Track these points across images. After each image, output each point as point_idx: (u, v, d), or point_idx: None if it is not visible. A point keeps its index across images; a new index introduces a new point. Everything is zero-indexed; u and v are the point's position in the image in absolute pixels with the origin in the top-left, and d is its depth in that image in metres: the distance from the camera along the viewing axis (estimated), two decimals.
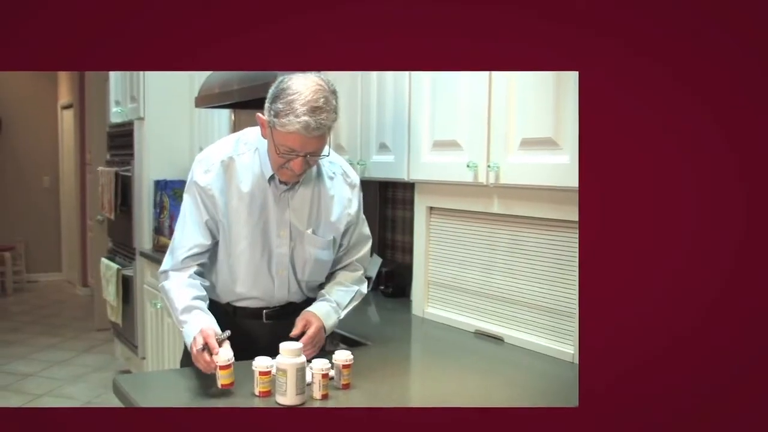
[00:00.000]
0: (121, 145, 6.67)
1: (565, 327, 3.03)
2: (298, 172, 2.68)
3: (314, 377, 2.48)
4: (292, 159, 2.63)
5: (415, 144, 3.60)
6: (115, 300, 6.50)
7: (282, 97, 2.56)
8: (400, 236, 4.62)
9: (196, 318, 2.70)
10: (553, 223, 3.04)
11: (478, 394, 2.63)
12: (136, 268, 6.32)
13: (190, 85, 6.14)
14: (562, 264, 3.03)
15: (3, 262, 10.99)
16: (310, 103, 2.53)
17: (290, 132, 2.55)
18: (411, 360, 3.22)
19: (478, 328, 3.43)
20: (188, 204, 2.86)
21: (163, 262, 2.92)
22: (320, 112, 2.54)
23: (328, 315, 2.89)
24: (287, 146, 2.59)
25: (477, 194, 3.34)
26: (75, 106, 10.75)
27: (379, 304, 4.17)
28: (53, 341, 8.23)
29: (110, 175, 6.65)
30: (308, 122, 2.52)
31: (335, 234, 2.93)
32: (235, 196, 2.80)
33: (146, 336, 6.24)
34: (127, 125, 6.51)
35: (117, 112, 6.83)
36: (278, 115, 2.56)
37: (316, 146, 2.62)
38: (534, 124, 2.92)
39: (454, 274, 3.60)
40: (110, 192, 6.66)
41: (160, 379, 3.09)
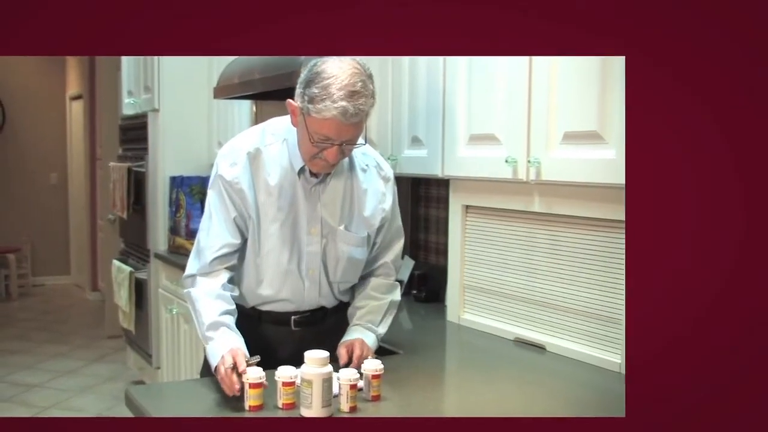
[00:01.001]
0: (134, 138, 6.70)
1: (612, 334, 3.03)
2: (332, 162, 2.70)
3: (342, 388, 2.48)
4: (326, 148, 2.65)
5: (450, 138, 3.62)
6: (127, 305, 6.53)
7: (317, 81, 2.57)
8: (433, 237, 4.64)
9: (223, 336, 2.69)
10: (597, 222, 3.05)
11: (517, 406, 2.64)
12: (150, 270, 6.35)
13: (209, 75, 6.17)
14: (608, 266, 3.03)
15: (7, 264, 11.05)
16: (347, 87, 2.54)
17: (326, 119, 2.56)
18: (445, 370, 3.24)
19: (518, 335, 3.45)
20: (214, 200, 2.86)
21: (188, 265, 2.91)
22: (358, 97, 2.56)
23: (371, 339, 2.95)
24: (322, 134, 2.61)
25: (516, 192, 3.35)
26: (85, 96, 10.82)
27: (411, 310, 4.19)
28: (61, 349, 8.30)
29: (122, 170, 6.69)
30: (346, 108, 2.54)
31: (369, 230, 2.96)
32: (263, 191, 2.82)
33: (161, 344, 6.27)
34: (141, 117, 6.54)
35: (130, 103, 6.87)
36: (313, 100, 2.57)
37: (353, 134, 2.64)
38: (577, 117, 2.93)
39: (492, 277, 3.61)
40: (122, 189, 6.70)
41: (177, 390, 3.09)
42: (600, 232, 3.05)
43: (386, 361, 2.75)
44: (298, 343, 2.84)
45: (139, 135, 6.56)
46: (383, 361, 2.66)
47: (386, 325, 3.06)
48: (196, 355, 5.22)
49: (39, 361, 7.85)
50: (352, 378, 2.47)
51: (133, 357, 7.04)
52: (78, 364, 7.79)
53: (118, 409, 6.41)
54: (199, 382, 2.88)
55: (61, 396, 6.83)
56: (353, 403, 2.48)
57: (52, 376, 7.37)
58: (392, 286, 3.13)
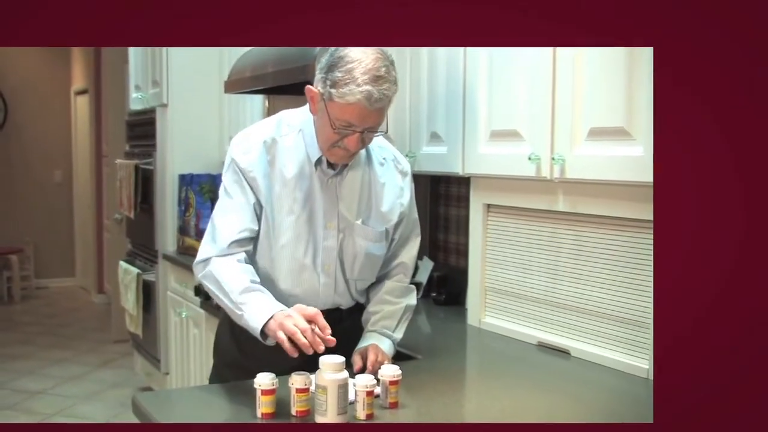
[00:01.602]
0: (142, 134, 6.73)
1: (639, 338, 3.04)
2: (353, 150, 2.72)
3: (358, 395, 2.47)
4: (347, 135, 2.68)
5: (471, 134, 3.63)
6: (134, 308, 6.55)
7: (340, 66, 2.60)
8: (453, 237, 4.66)
9: (259, 299, 2.68)
10: (624, 222, 3.05)
11: (540, 413, 2.66)
12: (158, 272, 6.38)
13: (219, 68, 6.20)
14: (636, 268, 3.04)
15: (9, 266, 11.10)
16: (371, 71, 2.57)
17: (350, 103, 2.59)
18: (466, 375, 3.25)
19: (542, 339, 3.46)
20: (231, 184, 2.87)
21: (200, 250, 2.88)
22: (383, 82, 2.59)
23: (388, 346, 2.97)
24: (345, 120, 2.64)
25: (540, 190, 3.36)
26: (90, 91, 10.86)
27: (430, 313, 4.21)
28: (65, 355, 8.34)
29: (129, 168, 6.72)
30: (371, 92, 2.56)
31: (387, 225, 2.98)
32: (279, 182, 2.84)
33: (170, 349, 6.30)
34: (149, 113, 6.56)
35: (137, 98, 6.91)
36: (336, 84, 2.59)
37: (376, 120, 2.67)
38: (603, 112, 2.94)
39: (515, 279, 3.62)
40: (129, 187, 6.73)
41: (186, 397, 3.10)
42: (627, 232, 3.06)
43: (404, 366, 2.75)
44: None
45: (146, 131, 6.58)
46: (401, 366, 2.66)
47: (402, 330, 3.09)
48: (206, 361, 5.24)
49: (42, 367, 7.89)
50: (369, 384, 2.46)
51: (141, 362, 7.07)
52: (83, 369, 7.82)
53: (124, 416, 6.44)
54: (210, 389, 2.91)
55: (65, 403, 6.86)
56: (370, 410, 2.47)
57: (56, 383, 7.41)
58: (407, 289, 3.15)
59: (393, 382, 2.57)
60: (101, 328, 9.41)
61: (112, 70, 9.11)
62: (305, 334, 2.48)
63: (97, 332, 9.27)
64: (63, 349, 8.55)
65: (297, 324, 2.49)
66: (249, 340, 2.95)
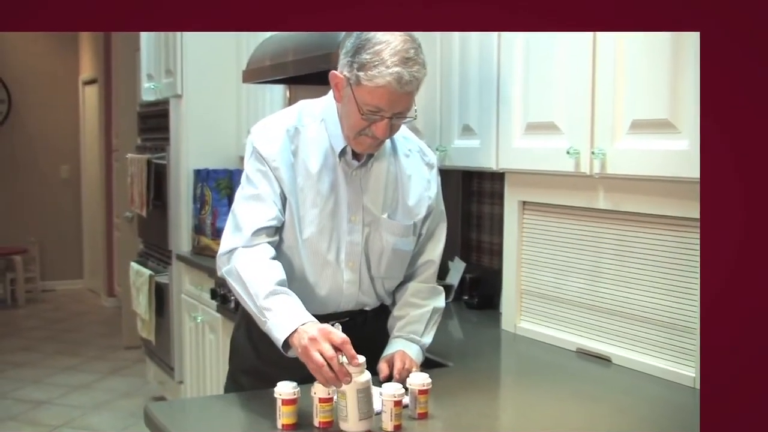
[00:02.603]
0: (155, 127, 6.76)
1: (685, 345, 3.05)
2: (381, 137, 2.75)
3: (385, 405, 2.47)
4: (375, 122, 2.71)
5: (505, 126, 3.64)
6: (146, 312, 6.59)
7: (368, 48, 2.64)
8: (487, 236, 4.67)
9: (283, 307, 2.65)
10: (669, 220, 3.06)
11: (580, 425, 2.67)
12: (172, 274, 6.42)
13: (237, 57, 6.23)
14: (682, 270, 3.04)
15: (13, 267, 11.16)
16: (401, 53, 2.61)
17: (379, 86, 2.63)
18: (500, 384, 3.28)
19: (581, 346, 3.47)
20: (254, 173, 2.88)
21: (223, 242, 2.88)
22: (413, 63, 2.63)
23: (408, 348, 2.97)
24: (373, 105, 2.67)
25: (579, 186, 3.37)
26: (99, 81, 10.92)
27: (462, 318, 4.23)
28: (72, 362, 8.40)
29: (141, 163, 6.76)
30: (401, 73, 2.60)
31: (414, 219, 3.00)
32: (302, 174, 2.87)
33: (184, 356, 6.34)
34: (162, 104, 6.59)
35: (149, 88, 6.95)
36: (364, 67, 2.63)
37: (405, 105, 2.70)
38: (646, 103, 2.95)
39: (552, 281, 3.64)
40: (141, 184, 6.76)
41: (201, 407, 3.11)
42: (672, 231, 3.06)
43: (434, 374, 2.75)
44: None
45: (159, 123, 6.61)
46: (431, 374, 2.66)
47: (431, 334, 3.10)
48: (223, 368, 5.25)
49: (48, 375, 7.94)
50: (397, 394, 2.46)
51: (153, 370, 7.11)
52: (92, 378, 7.87)
53: (136, 428, 6.48)
54: (227, 399, 2.93)
55: (72, 413, 6.91)
56: (398, 421, 2.47)
57: (63, 392, 7.46)
58: (435, 290, 3.17)
59: (422, 391, 2.57)
60: (111, 333, 9.45)
61: (123, 59, 9.15)
62: (332, 365, 2.43)
63: (106, 338, 9.32)
64: (70, 356, 8.60)
65: (323, 352, 2.44)
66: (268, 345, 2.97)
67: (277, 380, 2.52)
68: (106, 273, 11.22)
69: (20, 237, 11.52)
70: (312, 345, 2.47)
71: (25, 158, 11.68)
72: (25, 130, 11.66)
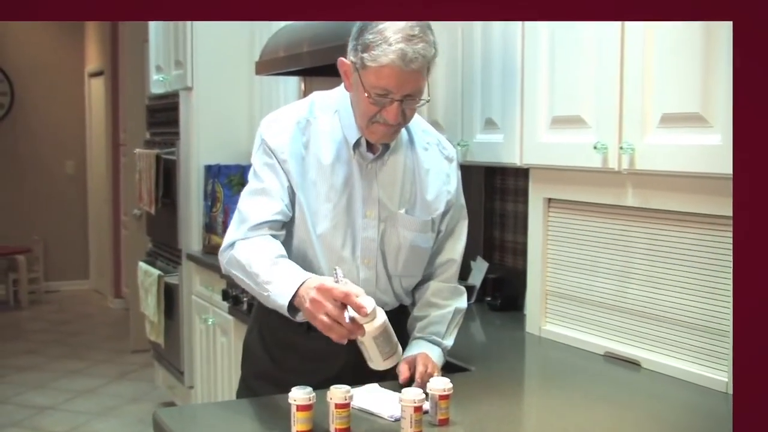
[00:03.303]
0: (164, 121, 6.79)
1: (717, 348, 3.05)
2: (393, 122, 2.76)
3: (405, 411, 2.47)
4: (385, 106, 2.72)
5: (530, 120, 3.65)
6: (155, 314, 6.61)
7: (370, 29, 2.67)
8: (510, 235, 4.68)
9: (283, 272, 2.68)
10: (701, 218, 3.06)
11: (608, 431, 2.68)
12: (182, 274, 6.45)
13: (250, 48, 6.25)
14: (714, 270, 3.05)
15: (16, 267, 11.19)
16: (403, 30, 2.64)
17: (383, 66, 2.65)
18: (524, 389, 3.29)
19: (609, 349, 3.47)
20: (261, 167, 2.92)
21: (225, 237, 2.91)
22: (417, 41, 2.65)
23: (430, 351, 2.97)
24: (380, 87, 2.69)
25: (607, 183, 3.38)
26: (106, 72, 10.95)
27: (484, 320, 4.24)
28: (78, 366, 8.44)
29: (150, 158, 6.78)
30: (404, 50, 2.62)
31: (433, 215, 3.01)
32: (314, 168, 2.89)
33: (194, 360, 6.37)
34: (171, 96, 6.62)
35: (158, 80, 6.97)
36: (367, 48, 2.66)
37: (414, 85, 2.71)
38: (677, 96, 2.96)
39: (579, 282, 3.64)
40: (150, 180, 6.77)
41: (212, 413, 3.08)
42: (704, 229, 3.07)
43: (455, 378, 2.75)
44: (353, 356, 2.83)
45: (169, 117, 6.64)
46: (452, 378, 2.66)
47: (452, 336, 3.12)
48: (235, 373, 5.28)
49: (52, 380, 7.97)
50: (417, 399, 2.46)
51: (162, 374, 7.15)
52: (98, 382, 7.91)
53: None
54: (239, 405, 2.95)
55: (78, 420, 6.94)
56: (418, 428, 2.47)
57: (68, 397, 7.50)
58: (456, 290, 3.17)
59: (443, 396, 2.57)
60: (118, 336, 9.49)
61: (131, 50, 9.19)
62: (343, 324, 2.46)
63: (113, 341, 9.35)
64: (75, 359, 8.63)
65: (329, 313, 2.46)
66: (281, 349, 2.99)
67: (291, 385, 2.51)
68: (113, 273, 11.26)
69: (23, 235, 11.56)
70: (315, 308, 2.49)
71: (28, 153, 11.72)
72: (29, 124, 11.69)
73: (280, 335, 3.01)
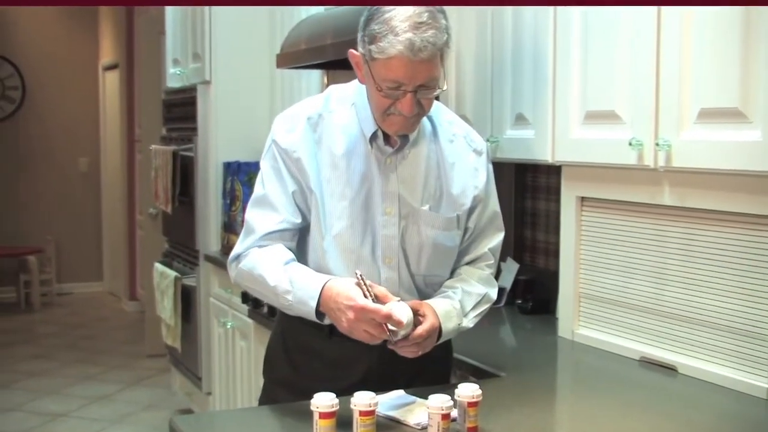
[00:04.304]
0: (181, 116, 6.83)
1: (758, 353, 3.05)
2: (408, 114, 2.75)
3: (432, 418, 2.47)
4: (398, 98, 2.72)
5: (562, 115, 3.66)
6: (172, 317, 6.65)
7: (376, 18, 2.67)
8: (542, 235, 4.70)
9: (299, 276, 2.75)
10: (740, 218, 3.06)
11: None
12: (199, 276, 6.48)
13: (270, 40, 6.28)
14: (754, 271, 3.05)
15: (28, 268, 11.24)
16: (411, 18, 2.63)
17: (391, 57, 2.64)
18: (556, 395, 3.31)
19: (644, 354, 3.48)
20: (268, 172, 2.94)
21: (234, 248, 2.95)
22: (426, 28, 2.63)
23: (447, 316, 2.90)
24: (390, 79, 2.69)
25: (642, 180, 3.38)
26: (121, 66, 11.01)
27: (515, 323, 4.25)
28: (92, 371, 8.49)
29: (166, 155, 6.82)
30: (412, 40, 2.61)
31: (458, 211, 2.99)
32: (328, 164, 2.89)
33: (212, 365, 6.40)
34: (189, 91, 6.67)
35: (175, 73, 7.01)
36: (374, 39, 2.66)
37: (426, 75, 2.70)
38: (715, 91, 2.96)
39: (613, 284, 3.64)
40: (166, 177, 6.81)
41: (231, 420, 3.13)
42: (743, 229, 3.07)
43: (485, 385, 2.73)
44: (376, 362, 2.89)
45: (186, 112, 6.68)
46: (481, 385, 2.64)
47: (473, 320, 3.03)
48: (255, 379, 5.30)
49: (66, 385, 8.01)
50: (444, 406, 2.46)
51: (179, 380, 7.20)
52: (112, 388, 7.95)
53: None
54: (259, 411, 2.97)
55: (92, 427, 7.00)
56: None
57: (82, 404, 7.55)
58: (488, 278, 3.13)
59: (472, 403, 2.55)
60: (133, 340, 9.52)
61: (147, 42, 9.23)
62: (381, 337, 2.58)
63: (128, 345, 9.39)
64: (89, 364, 8.67)
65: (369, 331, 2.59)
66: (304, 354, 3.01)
67: (313, 392, 2.51)
68: (128, 275, 11.31)
69: (35, 235, 11.62)
70: (354, 328, 2.60)
71: (40, 150, 11.77)
72: (41, 119, 11.74)
73: (303, 340, 3.03)
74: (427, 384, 2.84)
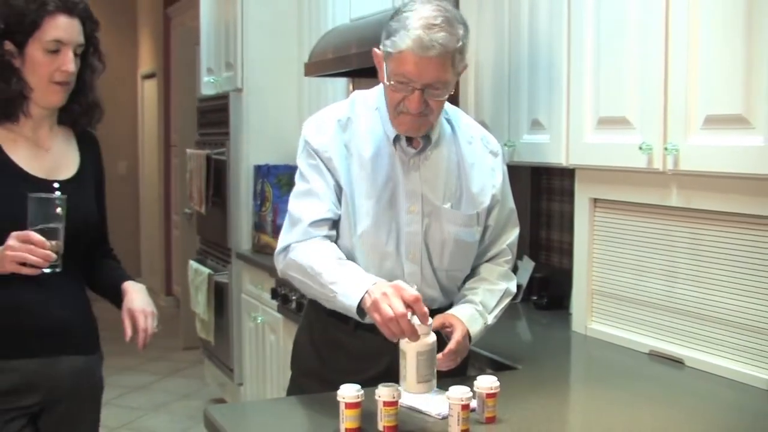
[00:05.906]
0: (214, 122, 6.84)
1: (762, 347, 3.05)
2: (415, 111, 2.76)
3: (452, 409, 2.47)
4: (407, 96, 2.74)
5: (576, 121, 3.66)
6: (205, 312, 6.67)
7: (396, 17, 2.72)
8: (556, 235, 4.69)
9: (349, 275, 2.72)
10: (745, 219, 3.06)
11: (652, 429, 2.69)
12: (231, 273, 6.50)
13: (299, 50, 6.29)
14: (758, 269, 3.04)
15: None
16: (426, 19, 2.66)
17: (401, 51, 2.67)
18: (570, 387, 3.30)
19: (654, 348, 3.47)
20: (306, 168, 2.95)
21: (279, 240, 2.95)
22: (438, 30, 2.66)
23: (472, 319, 2.92)
24: (399, 73, 2.71)
25: (652, 183, 3.37)
26: (158, 75, 11.05)
27: (531, 319, 4.25)
28: (130, 363, 8.51)
29: (200, 158, 6.84)
30: (421, 37, 2.64)
31: (478, 209, 3.00)
32: (356, 164, 2.91)
33: (244, 357, 6.43)
34: (222, 98, 6.67)
35: (209, 82, 7.04)
36: (390, 35, 2.71)
37: (434, 74, 2.71)
38: (720, 98, 2.96)
39: (625, 281, 3.64)
40: (200, 180, 6.84)
41: (262, 410, 3.14)
42: (746, 229, 3.06)
43: (502, 377, 2.76)
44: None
45: (219, 118, 6.69)
46: (499, 377, 2.66)
47: (496, 316, 3.06)
48: (284, 370, 5.30)
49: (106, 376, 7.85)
50: (464, 397, 2.46)
51: (212, 372, 7.21)
52: (150, 379, 7.98)
53: (194, 430, 6.57)
54: (288, 402, 2.98)
55: (130, 415, 7.02)
56: (465, 425, 2.47)
57: (120, 393, 7.58)
58: (507, 273, 3.16)
59: (490, 394, 2.57)
60: (169, 333, 9.48)
61: (182, 52, 9.28)
62: (401, 322, 2.48)
63: (164, 338, 9.31)
64: (128, 356, 8.64)
65: (393, 307, 2.49)
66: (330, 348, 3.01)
67: (339, 384, 2.51)
68: (164, 272, 11.35)
69: None
70: (383, 299, 2.52)
71: None
72: None
73: (329, 334, 3.03)
74: (445, 376, 2.83)
